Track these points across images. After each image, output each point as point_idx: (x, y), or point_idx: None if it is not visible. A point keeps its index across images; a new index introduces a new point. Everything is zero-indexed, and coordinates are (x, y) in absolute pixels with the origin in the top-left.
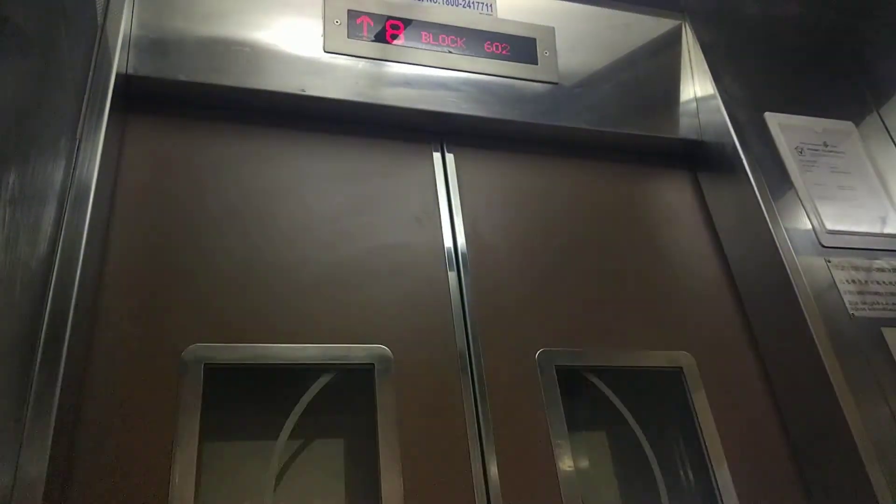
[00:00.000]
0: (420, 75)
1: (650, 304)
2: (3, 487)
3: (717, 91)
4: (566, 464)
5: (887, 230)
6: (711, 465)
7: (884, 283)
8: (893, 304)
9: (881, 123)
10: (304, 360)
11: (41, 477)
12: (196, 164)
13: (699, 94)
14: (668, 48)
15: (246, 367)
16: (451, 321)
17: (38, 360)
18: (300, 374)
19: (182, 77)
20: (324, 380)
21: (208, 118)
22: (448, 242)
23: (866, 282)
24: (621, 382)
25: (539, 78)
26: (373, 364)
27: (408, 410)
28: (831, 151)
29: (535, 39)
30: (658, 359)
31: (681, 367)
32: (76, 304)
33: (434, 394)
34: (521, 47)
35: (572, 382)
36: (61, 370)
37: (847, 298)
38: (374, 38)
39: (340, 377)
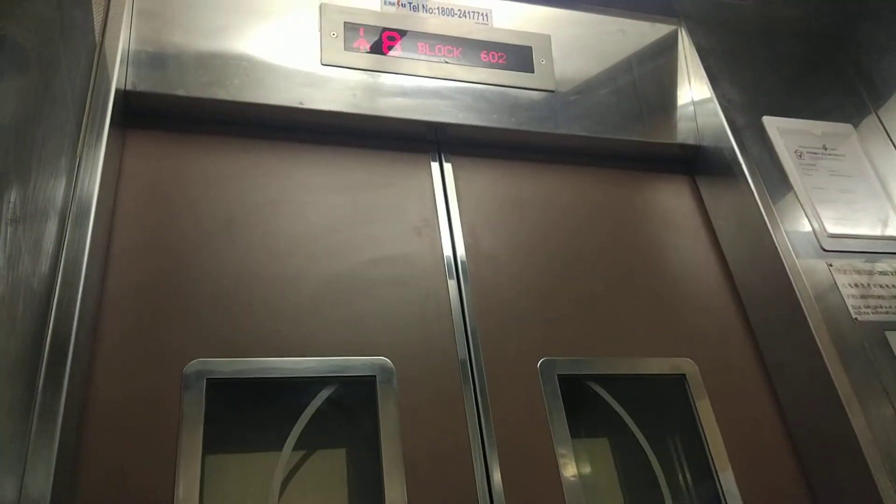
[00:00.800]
0: (417, 85)
1: (651, 310)
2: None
3: (714, 95)
4: (570, 472)
5: (888, 232)
6: (716, 472)
7: (886, 286)
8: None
9: (880, 125)
10: (306, 373)
11: (46, 493)
12: (195, 178)
13: (696, 98)
14: (664, 53)
15: (248, 381)
16: (452, 331)
17: (42, 376)
18: (302, 386)
19: (181, 92)
20: (326, 392)
21: (207, 132)
22: (447, 252)
23: (868, 285)
24: (624, 390)
25: (536, 86)
26: (374, 376)
27: (410, 421)
28: (830, 154)
29: (530, 48)
30: (660, 366)
31: (683, 374)
32: (79, 321)
33: (436, 404)
34: (517, 56)
35: (574, 390)
36: (65, 386)
37: (850, 302)
38: (370, 50)
39: (342, 389)
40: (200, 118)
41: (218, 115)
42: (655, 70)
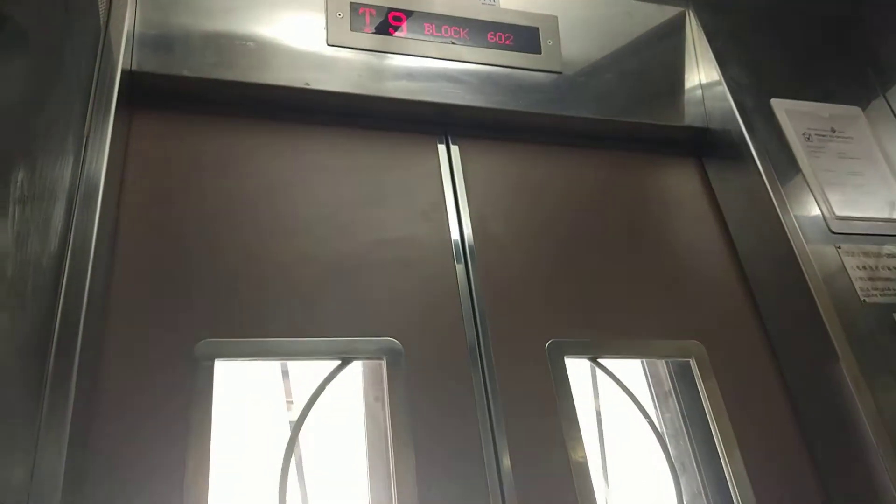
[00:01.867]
0: (423, 67)
1: (659, 292)
2: (20, 484)
3: (722, 78)
4: (578, 454)
5: (894, 216)
6: (724, 454)
7: (894, 268)
8: None
9: (888, 108)
10: (315, 353)
11: (59, 472)
12: (202, 158)
13: (704, 81)
14: (671, 35)
15: (257, 361)
16: (461, 313)
17: (52, 357)
18: (311, 367)
19: (186, 72)
20: (335, 373)
21: (213, 113)
22: (455, 234)
23: (877, 268)
24: (632, 371)
25: (543, 67)
26: (383, 357)
27: (419, 402)
28: (839, 137)
29: (538, 29)
30: (668, 348)
31: (691, 356)
32: (88, 301)
33: (445, 386)
34: (524, 37)
35: (582, 372)
36: (75, 366)
37: (858, 285)
38: (376, 31)
39: (352, 370)
40: (206, 99)
41: (224, 96)
42: (663, 52)
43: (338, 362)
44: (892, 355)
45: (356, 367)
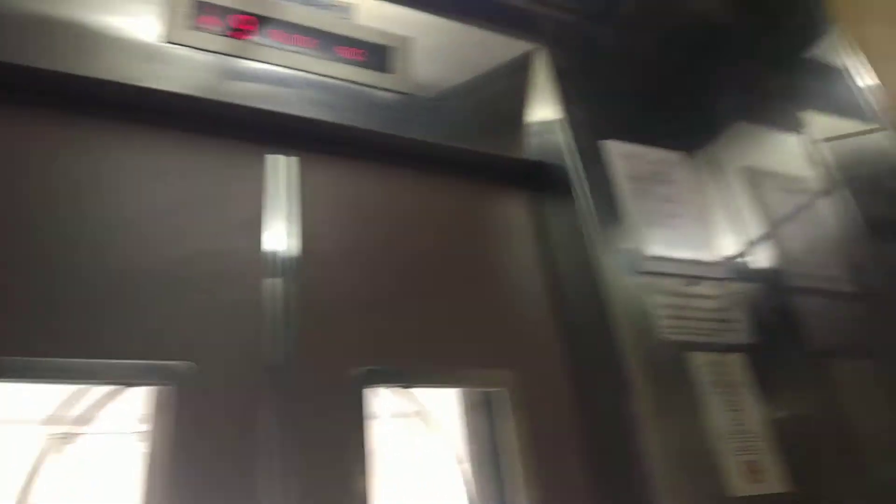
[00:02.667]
0: (266, 74)
1: (479, 322)
2: None
3: (563, 116)
4: (363, 488)
5: (704, 257)
6: (514, 489)
7: (694, 308)
8: (700, 329)
9: (712, 156)
10: (92, 376)
11: None
12: None
13: (546, 117)
14: (522, 70)
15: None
16: (270, 334)
17: None
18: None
19: None
20: (110, 398)
21: (21, 103)
22: (276, 250)
23: (679, 307)
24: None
25: (393, 87)
26: (173, 382)
27: (208, 430)
28: (662, 180)
29: (391, 48)
30: (481, 378)
31: (503, 387)
32: None
33: (238, 413)
34: (375, 55)
35: (392, 401)
36: None
37: (659, 322)
38: (221, 32)
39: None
40: (16, 87)
41: (37, 86)
42: (512, 85)
43: (117, 387)
44: (680, 394)
45: (140, 392)
